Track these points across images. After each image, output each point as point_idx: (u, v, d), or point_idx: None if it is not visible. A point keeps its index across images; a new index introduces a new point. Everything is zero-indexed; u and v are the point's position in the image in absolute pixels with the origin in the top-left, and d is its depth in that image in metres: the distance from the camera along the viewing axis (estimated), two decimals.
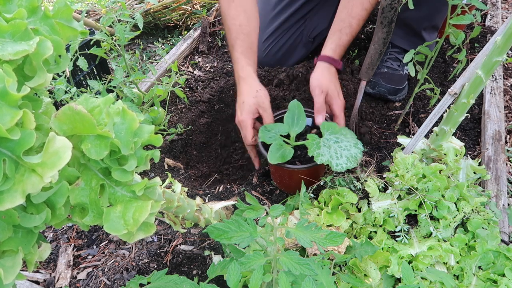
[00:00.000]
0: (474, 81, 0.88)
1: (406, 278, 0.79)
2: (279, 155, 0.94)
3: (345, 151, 0.93)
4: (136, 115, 0.49)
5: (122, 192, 0.51)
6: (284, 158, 0.95)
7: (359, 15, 1.22)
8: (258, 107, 1.13)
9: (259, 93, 1.15)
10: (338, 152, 0.92)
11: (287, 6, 1.57)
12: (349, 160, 0.91)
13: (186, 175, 1.36)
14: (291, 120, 0.96)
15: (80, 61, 1.23)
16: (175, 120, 1.56)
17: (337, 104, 1.16)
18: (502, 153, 1.21)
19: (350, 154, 0.92)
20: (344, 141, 0.95)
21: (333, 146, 0.93)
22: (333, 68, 1.22)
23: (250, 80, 1.19)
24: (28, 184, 0.37)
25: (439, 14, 1.37)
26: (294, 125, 0.96)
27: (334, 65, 1.21)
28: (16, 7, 0.44)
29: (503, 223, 1.03)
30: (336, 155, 0.92)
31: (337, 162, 0.91)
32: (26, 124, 0.38)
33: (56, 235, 1.18)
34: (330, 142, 0.94)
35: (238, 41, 1.24)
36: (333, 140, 0.94)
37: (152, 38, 2.30)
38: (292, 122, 0.96)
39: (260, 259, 0.68)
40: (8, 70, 0.37)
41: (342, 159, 0.91)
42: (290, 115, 0.96)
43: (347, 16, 1.22)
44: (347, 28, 1.22)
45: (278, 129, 0.98)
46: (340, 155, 0.92)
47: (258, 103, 1.13)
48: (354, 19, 1.22)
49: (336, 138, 0.95)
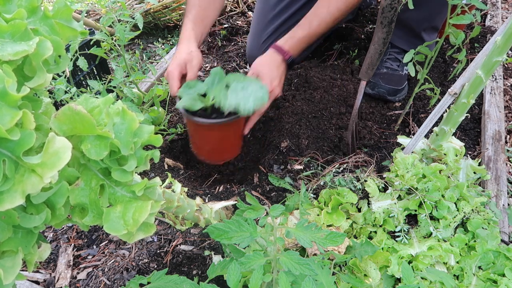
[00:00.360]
0: (474, 81, 0.88)
1: (406, 278, 0.79)
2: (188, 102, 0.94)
3: (252, 95, 0.95)
4: (136, 115, 0.49)
5: (122, 192, 0.51)
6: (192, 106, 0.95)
7: (322, 16, 1.23)
8: (187, 62, 1.15)
9: (193, 53, 1.17)
10: (245, 97, 0.94)
11: (287, 7, 1.57)
12: (257, 101, 0.94)
13: (186, 175, 1.36)
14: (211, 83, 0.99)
15: (80, 61, 1.23)
16: (175, 120, 1.56)
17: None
18: (502, 153, 1.21)
19: (257, 96, 0.95)
20: (250, 86, 0.97)
21: (240, 93, 0.95)
22: (278, 56, 1.21)
23: (189, 42, 1.21)
24: (28, 184, 0.37)
25: (439, 15, 1.37)
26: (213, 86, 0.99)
27: (281, 53, 1.21)
28: (15, 7, 0.44)
29: (503, 223, 1.03)
30: (243, 99, 0.93)
31: (245, 105, 0.93)
32: (26, 125, 0.38)
33: (56, 235, 1.18)
34: (237, 90, 0.96)
35: (193, 10, 1.27)
36: (240, 88, 0.96)
37: (152, 38, 2.30)
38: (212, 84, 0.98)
39: (260, 259, 0.68)
40: (8, 70, 0.37)
41: (249, 103, 0.93)
42: (211, 79, 0.99)
43: (310, 14, 1.25)
44: (306, 25, 1.24)
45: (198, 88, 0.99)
46: (248, 99, 0.94)
47: (188, 59, 1.15)
48: (316, 18, 1.23)
49: (243, 85, 0.97)
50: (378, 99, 1.49)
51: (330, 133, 1.35)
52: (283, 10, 1.58)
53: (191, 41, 1.22)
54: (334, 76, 1.53)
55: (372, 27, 1.84)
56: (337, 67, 1.64)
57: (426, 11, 1.33)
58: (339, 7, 1.21)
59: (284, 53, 1.21)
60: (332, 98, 1.43)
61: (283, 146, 1.32)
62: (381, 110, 1.46)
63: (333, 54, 1.77)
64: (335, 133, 1.35)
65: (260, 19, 1.63)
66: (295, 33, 1.24)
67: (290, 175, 1.23)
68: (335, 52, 1.77)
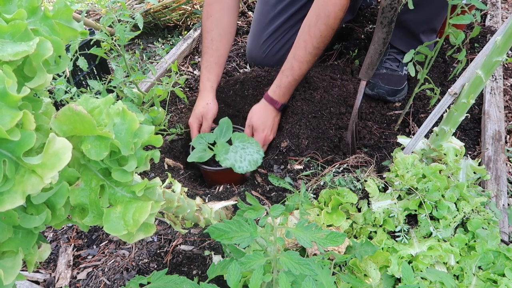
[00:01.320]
0: (474, 81, 0.88)
1: (406, 278, 0.79)
2: (197, 156, 1.09)
3: (248, 156, 1.09)
4: (136, 116, 0.49)
5: (122, 193, 0.51)
6: (201, 158, 1.09)
7: (302, 57, 1.28)
8: (203, 115, 1.37)
9: (208, 105, 1.39)
10: (242, 157, 1.08)
11: (287, 7, 1.57)
12: (250, 164, 1.08)
13: (186, 175, 1.36)
14: (220, 132, 1.13)
15: (80, 61, 1.22)
16: (175, 120, 1.56)
17: (258, 137, 1.33)
18: (502, 153, 1.21)
19: (252, 159, 1.09)
20: (249, 148, 1.11)
21: (239, 152, 1.09)
22: (270, 106, 1.34)
23: (205, 94, 1.41)
24: (28, 185, 0.37)
25: (438, 18, 1.37)
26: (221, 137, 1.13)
27: (272, 104, 1.34)
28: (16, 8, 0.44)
29: (503, 223, 1.03)
30: (240, 159, 1.08)
31: (240, 165, 1.07)
32: (26, 125, 0.38)
33: (56, 235, 1.18)
34: (238, 149, 1.10)
35: (206, 55, 1.42)
36: (240, 147, 1.10)
37: (152, 38, 2.30)
38: (220, 134, 1.13)
39: (260, 259, 0.68)
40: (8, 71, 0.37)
41: (244, 162, 1.08)
42: (219, 128, 1.13)
43: (291, 58, 1.31)
44: (288, 71, 1.30)
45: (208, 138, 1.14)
46: (244, 159, 1.08)
47: (205, 112, 1.38)
48: (296, 62, 1.29)
49: (243, 145, 1.11)
50: (378, 99, 1.49)
51: (330, 133, 1.35)
52: (283, 10, 1.58)
53: (208, 92, 1.41)
54: (334, 76, 1.53)
55: (372, 27, 1.84)
56: (337, 67, 1.64)
57: (425, 13, 1.33)
58: (315, 45, 1.25)
59: (275, 103, 1.34)
60: (332, 98, 1.42)
61: (283, 146, 1.32)
62: (381, 110, 1.46)
63: (333, 54, 1.77)
64: (335, 133, 1.35)
65: (260, 19, 1.63)
66: (280, 82, 1.33)
67: (290, 175, 1.23)
68: (335, 52, 1.77)
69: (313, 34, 1.24)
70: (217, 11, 1.39)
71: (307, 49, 1.26)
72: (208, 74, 1.42)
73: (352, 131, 1.25)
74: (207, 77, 1.42)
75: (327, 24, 1.22)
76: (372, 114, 1.44)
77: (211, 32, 1.40)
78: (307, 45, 1.26)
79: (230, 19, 1.43)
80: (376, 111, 1.45)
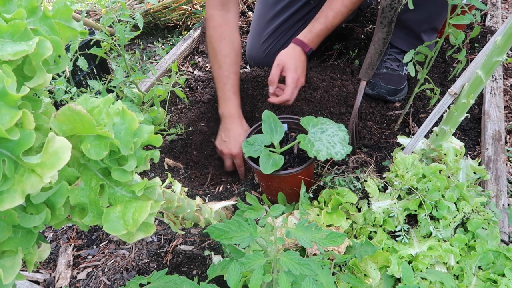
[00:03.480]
0: (474, 81, 0.88)
1: (406, 278, 0.79)
2: (271, 164, 0.93)
3: (335, 138, 0.92)
4: (136, 115, 0.49)
5: (122, 192, 0.51)
6: (277, 165, 0.94)
7: (337, 8, 1.31)
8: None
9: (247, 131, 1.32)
10: (330, 141, 0.91)
11: (287, 7, 1.57)
12: (343, 144, 0.91)
13: (186, 175, 1.36)
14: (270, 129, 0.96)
15: (80, 61, 1.23)
16: (175, 120, 1.56)
17: (290, 76, 1.26)
18: (502, 153, 1.21)
19: (340, 139, 0.92)
20: (328, 129, 0.94)
21: (322, 137, 0.92)
22: (299, 48, 1.31)
23: (241, 120, 1.38)
24: (28, 184, 0.37)
25: (438, 17, 1.37)
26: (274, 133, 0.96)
27: (301, 46, 1.31)
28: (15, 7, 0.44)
29: (503, 223, 1.03)
30: (330, 144, 0.90)
31: (336, 151, 0.89)
32: (26, 125, 0.38)
33: (56, 235, 1.18)
34: (318, 135, 0.93)
35: (230, 80, 1.37)
36: (319, 132, 0.93)
37: (152, 38, 2.30)
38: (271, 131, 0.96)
39: (260, 259, 0.68)
40: (8, 70, 0.37)
41: (337, 146, 0.91)
42: (268, 125, 0.96)
43: (325, 8, 1.33)
44: (322, 18, 1.32)
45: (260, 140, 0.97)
46: (334, 142, 0.91)
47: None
48: (331, 11, 1.31)
49: (321, 129, 0.94)
50: (378, 99, 1.49)
51: None
52: (283, 10, 1.58)
53: (242, 118, 1.39)
54: (334, 76, 1.53)
55: (372, 27, 1.84)
56: (337, 67, 1.64)
57: (425, 12, 1.33)
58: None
59: (305, 46, 1.31)
60: (332, 98, 1.42)
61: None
62: (381, 110, 1.46)
63: (333, 54, 1.77)
64: None
65: (260, 19, 1.63)
66: (313, 27, 1.32)
67: None
68: (335, 52, 1.77)
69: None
70: (228, 33, 1.38)
71: (344, 2, 1.29)
72: (237, 99, 1.39)
73: (352, 131, 1.25)
74: (237, 103, 1.38)
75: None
76: (372, 114, 1.44)
77: (229, 55, 1.38)
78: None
79: (239, 38, 1.43)
80: (376, 111, 1.45)
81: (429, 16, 1.35)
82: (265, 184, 1.15)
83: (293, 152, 1.11)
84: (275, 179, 1.07)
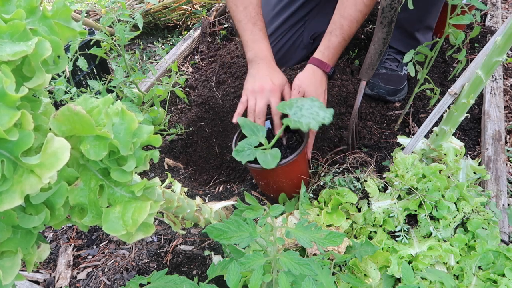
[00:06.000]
0: (474, 81, 0.88)
1: (406, 278, 0.79)
2: (271, 158, 0.91)
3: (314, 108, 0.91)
4: (135, 116, 0.49)
5: (121, 193, 0.51)
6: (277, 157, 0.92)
7: (351, 16, 1.19)
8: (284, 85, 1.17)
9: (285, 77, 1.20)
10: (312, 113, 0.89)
11: (286, 7, 1.57)
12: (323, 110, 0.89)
13: (186, 175, 1.36)
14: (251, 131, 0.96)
15: (80, 61, 1.23)
16: (175, 120, 1.56)
17: None
18: (502, 153, 1.21)
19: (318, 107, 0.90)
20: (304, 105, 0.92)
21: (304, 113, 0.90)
22: (320, 71, 1.20)
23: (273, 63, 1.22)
24: (27, 185, 0.37)
25: (429, 15, 1.36)
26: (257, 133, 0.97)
27: (321, 67, 1.20)
28: (14, 8, 0.44)
29: (503, 223, 1.03)
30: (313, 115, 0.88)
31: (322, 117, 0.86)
32: (25, 125, 0.38)
33: (56, 235, 1.18)
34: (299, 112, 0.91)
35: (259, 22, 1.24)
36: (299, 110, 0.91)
37: (152, 38, 2.30)
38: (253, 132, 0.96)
39: (260, 259, 0.68)
40: (7, 71, 0.37)
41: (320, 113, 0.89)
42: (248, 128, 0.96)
43: (339, 18, 1.21)
44: (337, 30, 1.20)
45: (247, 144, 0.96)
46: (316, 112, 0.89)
47: (285, 83, 1.18)
48: (346, 20, 1.19)
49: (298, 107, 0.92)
50: (378, 99, 1.49)
51: (330, 133, 1.35)
52: (283, 10, 1.58)
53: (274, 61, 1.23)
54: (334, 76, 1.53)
55: (372, 27, 1.84)
56: (336, 67, 1.64)
57: (414, 12, 1.31)
58: (365, 2, 1.17)
59: (325, 66, 1.20)
60: (332, 98, 1.42)
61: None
62: (381, 110, 1.46)
63: None
64: (335, 133, 1.35)
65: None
66: (329, 42, 1.21)
67: None
68: None
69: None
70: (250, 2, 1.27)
71: (357, 6, 1.16)
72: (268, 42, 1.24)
73: (352, 131, 1.25)
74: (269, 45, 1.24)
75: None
76: (372, 114, 1.44)
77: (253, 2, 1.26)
78: (357, 2, 1.18)
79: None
80: (376, 111, 1.45)
81: (419, 15, 1.33)
82: (264, 182, 1.15)
83: (283, 145, 1.15)
84: (274, 174, 1.07)
